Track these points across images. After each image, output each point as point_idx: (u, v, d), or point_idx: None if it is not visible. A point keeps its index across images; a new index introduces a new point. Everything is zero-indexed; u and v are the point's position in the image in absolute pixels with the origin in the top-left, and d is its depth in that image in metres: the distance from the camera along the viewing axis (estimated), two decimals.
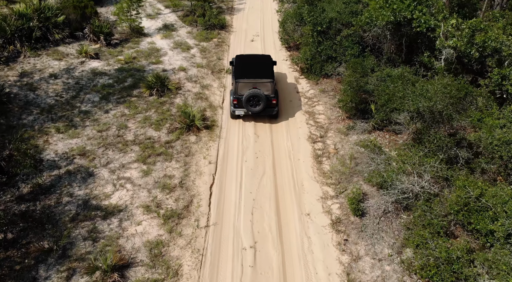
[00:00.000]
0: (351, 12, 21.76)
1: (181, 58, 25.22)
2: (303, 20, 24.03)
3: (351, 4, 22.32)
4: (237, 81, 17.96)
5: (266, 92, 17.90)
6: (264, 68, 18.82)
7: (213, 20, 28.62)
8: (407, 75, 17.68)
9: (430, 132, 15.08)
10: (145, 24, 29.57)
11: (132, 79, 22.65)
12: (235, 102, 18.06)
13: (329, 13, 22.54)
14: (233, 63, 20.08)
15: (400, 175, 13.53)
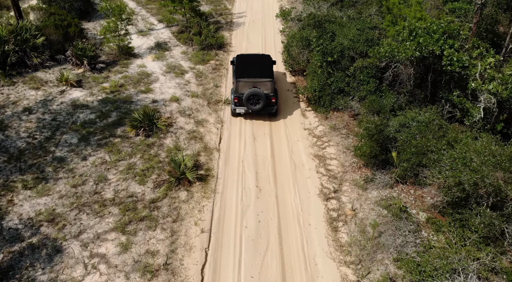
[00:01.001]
0: (366, 40, 18.60)
1: (174, 85, 22.10)
2: (310, 45, 20.90)
3: (366, 31, 19.13)
4: (238, 80, 18.02)
5: (266, 91, 17.94)
6: (264, 68, 18.82)
7: (210, 40, 25.45)
8: (437, 123, 14.58)
9: (472, 206, 12.01)
10: (136, 42, 26.42)
11: (117, 113, 19.55)
12: (236, 101, 18.19)
13: (340, 39, 19.37)
14: (234, 63, 19.96)
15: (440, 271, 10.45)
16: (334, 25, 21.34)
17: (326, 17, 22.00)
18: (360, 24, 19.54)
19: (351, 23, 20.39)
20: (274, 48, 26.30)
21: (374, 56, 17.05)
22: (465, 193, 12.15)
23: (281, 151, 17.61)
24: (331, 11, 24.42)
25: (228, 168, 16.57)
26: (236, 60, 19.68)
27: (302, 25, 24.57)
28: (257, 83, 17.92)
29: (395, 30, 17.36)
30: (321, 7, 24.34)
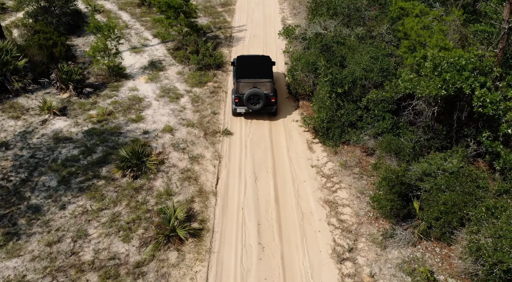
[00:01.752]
0: (381, 70, 16.28)
1: (168, 112, 19.83)
2: (317, 69, 18.61)
3: (381, 58, 16.79)
4: (238, 81, 18.11)
5: (266, 91, 18.06)
6: (264, 69, 18.93)
7: (208, 60, 23.14)
8: (467, 173, 12.32)
9: None
10: (128, 60, 24.13)
11: (103, 148, 17.30)
12: (236, 101, 18.27)
13: (351, 67, 17.07)
14: (234, 64, 19.92)
15: None
16: (343, 48, 19.02)
17: (334, 38, 19.65)
18: (373, 51, 17.20)
19: (362, 47, 18.04)
20: (276, 68, 23.99)
21: (391, 90, 14.75)
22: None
23: (286, 195, 15.36)
24: (338, 29, 22.08)
25: (225, 218, 14.32)
26: (236, 61, 19.68)
27: (307, 44, 22.27)
28: (257, 83, 17.99)
29: (415, 60, 15.06)
30: (328, 26, 21.99)
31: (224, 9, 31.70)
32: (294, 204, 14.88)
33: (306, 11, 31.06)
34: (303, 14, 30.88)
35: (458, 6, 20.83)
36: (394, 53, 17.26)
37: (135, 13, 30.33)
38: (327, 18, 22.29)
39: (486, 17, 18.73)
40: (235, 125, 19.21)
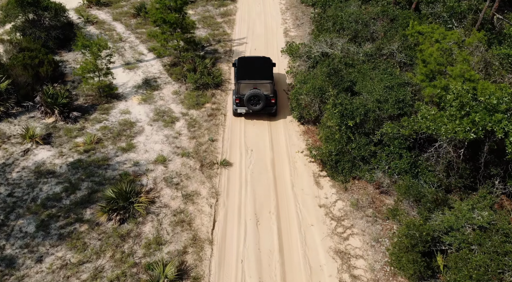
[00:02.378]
0: (397, 101, 14.38)
1: (162, 139, 17.97)
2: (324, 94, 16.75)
3: (396, 88, 14.88)
4: (239, 82, 18.07)
5: (266, 92, 18.00)
6: (264, 70, 18.78)
7: (206, 79, 21.25)
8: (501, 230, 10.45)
9: None
10: (121, 78, 22.25)
11: (89, 184, 15.46)
12: (237, 101, 18.20)
13: (363, 96, 15.19)
14: (235, 65, 19.78)
15: None
16: (353, 71, 17.13)
17: (342, 59, 17.75)
18: (387, 79, 15.28)
19: (375, 73, 16.13)
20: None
21: (409, 128, 12.86)
22: None
23: (291, 243, 13.51)
24: (346, 46, 20.17)
25: (223, 273, 12.47)
26: (237, 62, 19.57)
27: (312, 62, 20.37)
28: (258, 84, 17.92)
29: (435, 91, 13.18)
30: (335, 44, 20.07)
31: (224, 20, 29.76)
32: (301, 256, 13.03)
33: (309, 21, 29.19)
34: (307, 25, 29.00)
35: (477, 24, 18.91)
36: (410, 81, 15.31)
37: (130, 24, 28.39)
38: (334, 36, 20.35)
39: (509, 39, 16.80)
40: (234, 153, 17.38)
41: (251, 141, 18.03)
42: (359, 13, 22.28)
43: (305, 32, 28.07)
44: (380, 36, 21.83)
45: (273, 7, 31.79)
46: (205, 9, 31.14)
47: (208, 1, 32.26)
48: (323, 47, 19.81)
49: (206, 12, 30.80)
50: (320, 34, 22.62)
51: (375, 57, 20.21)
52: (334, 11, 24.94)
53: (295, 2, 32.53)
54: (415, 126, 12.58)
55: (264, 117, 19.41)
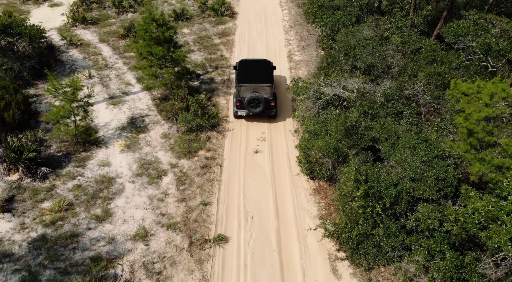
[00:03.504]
0: (436, 181, 10.95)
1: (145, 202, 14.61)
2: (339, 154, 13.34)
3: (435, 161, 11.44)
4: (240, 85, 17.69)
5: (266, 95, 17.66)
6: (264, 74, 18.41)
7: (200, 120, 17.83)
8: None
9: None
10: (103, 116, 18.84)
11: (52, 273, 12.10)
12: (237, 104, 17.81)
13: (391, 161, 11.77)
14: (236, 68, 19.46)
15: None
16: (374, 125, 13.69)
17: (360, 113, 14.31)
18: (422, 148, 11.83)
19: (405, 139, 12.66)
20: (284, 130, 18.68)
21: (458, 226, 9.46)
22: None
23: None
24: (361, 86, 16.74)
25: None
26: (238, 65, 19.20)
27: (323, 104, 16.94)
28: (258, 88, 17.58)
29: (486, 170, 9.78)
30: (349, 84, 16.60)
31: (222, 41, 26.21)
32: None
33: (315, 43, 25.69)
34: (313, 47, 25.50)
35: None
36: (451, 152, 11.83)
37: (118, 46, 24.84)
38: (347, 75, 16.87)
39: None
40: (231, 222, 14.12)
41: (252, 202, 14.71)
42: (375, 43, 18.75)
43: (311, 56, 24.59)
44: (400, 72, 18.37)
45: (275, 25, 28.22)
46: (202, 27, 27.58)
47: (205, 18, 28.70)
48: (335, 89, 16.34)
49: (203, 31, 27.24)
50: (330, 67, 19.12)
51: (396, 99, 16.79)
52: (344, 37, 21.42)
53: (299, 19, 28.97)
54: (467, 225, 9.18)
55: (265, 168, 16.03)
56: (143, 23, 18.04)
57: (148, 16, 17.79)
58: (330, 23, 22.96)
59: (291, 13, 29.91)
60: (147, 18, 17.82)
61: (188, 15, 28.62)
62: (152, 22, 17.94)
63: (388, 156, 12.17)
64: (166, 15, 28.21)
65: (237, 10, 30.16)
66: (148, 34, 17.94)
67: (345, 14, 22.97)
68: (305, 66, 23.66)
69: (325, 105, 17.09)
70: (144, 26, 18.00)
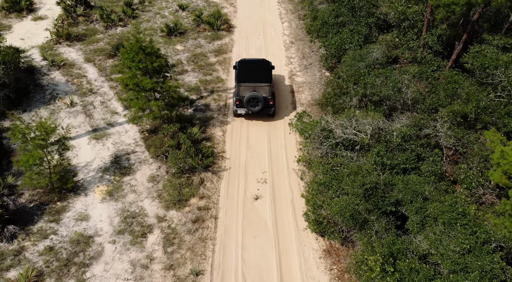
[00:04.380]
0: (482, 272, 8.48)
1: (126, 270, 12.23)
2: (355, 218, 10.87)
3: (479, 248, 8.94)
4: (239, 85, 17.52)
5: (264, 94, 17.50)
6: (263, 73, 18.17)
7: (192, 161, 15.36)
8: None
9: None
10: (84, 154, 16.36)
11: None
12: (237, 103, 17.63)
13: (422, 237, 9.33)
14: (236, 67, 19.04)
15: None
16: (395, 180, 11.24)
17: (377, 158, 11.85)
18: (462, 232, 9.37)
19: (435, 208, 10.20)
20: (286, 168, 16.22)
21: None
22: None
23: None
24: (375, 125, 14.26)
25: None
26: (238, 65, 18.94)
27: (333, 144, 14.47)
28: (257, 87, 17.42)
29: None
30: (362, 126, 14.10)
31: (218, 59, 23.60)
32: None
33: (319, 62, 23.13)
34: (316, 67, 22.97)
35: None
36: (496, 236, 9.35)
37: (105, 67, 22.21)
38: (360, 114, 14.37)
39: None
40: None
41: (252, 269, 12.36)
42: (389, 73, 16.24)
43: (315, 77, 22.05)
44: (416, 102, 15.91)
45: (275, 41, 25.60)
46: (196, 43, 24.95)
47: (200, 33, 26.05)
48: (346, 131, 13.86)
49: (198, 47, 24.60)
50: (338, 98, 16.62)
51: (414, 139, 14.34)
52: (352, 60, 18.90)
53: (300, 34, 26.35)
54: None
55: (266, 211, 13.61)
56: (129, 51, 15.46)
57: (134, 44, 15.19)
58: (335, 43, 20.41)
59: (292, 26, 27.30)
60: (133, 46, 15.22)
61: (182, 29, 25.97)
62: (139, 51, 15.35)
63: (417, 230, 9.71)
64: (157, 30, 25.64)
65: (234, 22, 27.53)
66: (134, 64, 15.36)
67: (352, 33, 20.40)
68: (308, 89, 21.14)
69: (335, 146, 14.62)
70: (130, 54, 15.42)
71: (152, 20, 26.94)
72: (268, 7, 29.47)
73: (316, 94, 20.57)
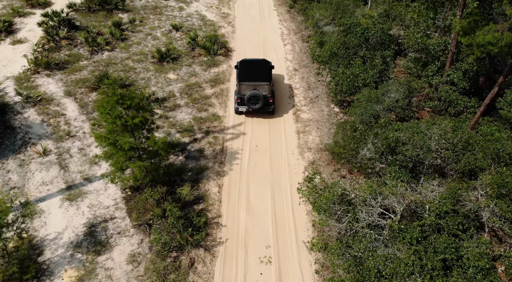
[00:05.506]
0: None
1: None
2: None
3: None
4: (240, 83, 17.49)
5: (264, 92, 17.56)
6: (263, 73, 18.14)
7: (179, 238, 12.19)
8: None
9: None
10: (53, 222, 13.19)
11: None
12: (238, 101, 17.63)
13: None
14: (237, 67, 18.78)
15: None
16: None
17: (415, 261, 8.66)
18: None
19: None
20: (295, 236, 13.01)
21: None
22: None
23: None
24: (407, 199, 11.03)
25: None
26: (239, 65, 18.61)
27: (350, 221, 11.26)
28: (257, 86, 17.42)
29: None
30: (390, 202, 10.87)
31: (215, 91, 20.31)
32: None
33: (326, 95, 19.88)
34: (323, 100, 19.84)
35: None
36: None
37: (86, 102, 18.91)
38: (387, 190, 11.13)
39: None
40: None
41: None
42: (415, 128, 12.98)
43: (323, 113, 18.80)
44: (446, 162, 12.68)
45: (278, 68, 22.31)
46: (191, 71, 21.64)
47: (195, 58, 22.73)
48: (370, 209, 10.64)
49: (192, 76, 21.30)
50: (353, 154, 13.37)
51: (451, 215, 11.16)
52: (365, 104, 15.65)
53: (304, 59, 23.05)
54: None
55: None
56: (105, 105, 12.17)
57: (111, 97, 11.91)
58: (347, 79, 17.12)
59: (295, 49, 23.98)
60: (109, 100, 11.94)
61: (175, 53, 22.64)
62: (117, 105, 12.07)
63: None
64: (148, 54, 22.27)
65: (232, 45, 24.20)
66: (111, 120, 12.09)
67: (366, 68, 17.10)
68: (316, 129, 17.88)
69: (355, 221, 11.41)
70: (106, 109, 12.14)
71: (142, 42, 23.58)
72: (269, 26, 26.17)
73: (325, 136, 17.34)
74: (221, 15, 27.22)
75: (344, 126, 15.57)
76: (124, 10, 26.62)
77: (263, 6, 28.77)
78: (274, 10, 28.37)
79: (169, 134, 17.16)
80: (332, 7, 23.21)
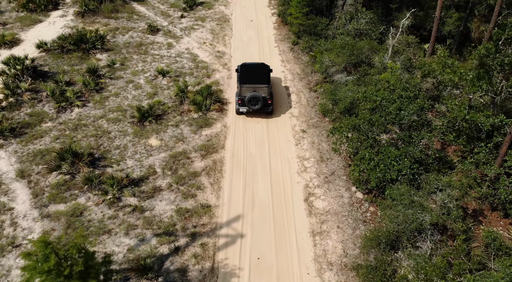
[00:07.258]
0: None
1: None
2: None
3: None
4: (241, 86, 17.19)
5: (263, 94, 17.22)
6: (262, 76, 17.80)
7: None
8: None
9: None
10: None
11: None
12: (239, 102, 17.25)
13: None
14: (238, 70, 18.11)
15: None
16: None
17: None
18: None
19: None
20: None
21: None
22: None
23: None
24: None
25: None
26: (240, 68, 18.11)
27: None
28: (257, 88, 17.15)
29: None
30: None
31: (206, 165, 15.28)
32: None
33: (344, 171, 14.90)
34: (341, 179, 14.77)
35: None
36: None
37: (42, 189, 13.80)
38: None
39: None
40: None
41: None
42: None
43: (343, 200, 13.86)
44: None
45: (282, 128, 17.29)
46: (177, 134, 16.57)
47: (184, 115, 17.66)
48: None
49: (179, 141, 16.23)
50: None
51: None
52: (404, 210, 10.70)
53: (313, 115, 18.05)
54: None
55: None
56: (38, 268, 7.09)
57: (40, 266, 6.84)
58: (375, 169, 12.07)
59: (301, 101, 18.92)
60: (43, 267, 6.88)
61: (160, 109, 17.55)
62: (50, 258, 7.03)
63: None
64: (127, 111, 17.11)
65: (228, 95, 19.14)
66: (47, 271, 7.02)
67: (401, 154, 12.10)
68: (336, 228, 12.93)
69: None
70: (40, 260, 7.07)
71: (122, 93, 18.47)
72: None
73: (349, 241, 12.39)
74: (216, 55, 22.07)
75: (378, 240, 10.57)
76: (104, 50, 21.41)
77: (263, 41, 23.64)
78: (276, 47, 23.25)
79: (143, 239, 12.10)
80: (345, 52, 18.13)
